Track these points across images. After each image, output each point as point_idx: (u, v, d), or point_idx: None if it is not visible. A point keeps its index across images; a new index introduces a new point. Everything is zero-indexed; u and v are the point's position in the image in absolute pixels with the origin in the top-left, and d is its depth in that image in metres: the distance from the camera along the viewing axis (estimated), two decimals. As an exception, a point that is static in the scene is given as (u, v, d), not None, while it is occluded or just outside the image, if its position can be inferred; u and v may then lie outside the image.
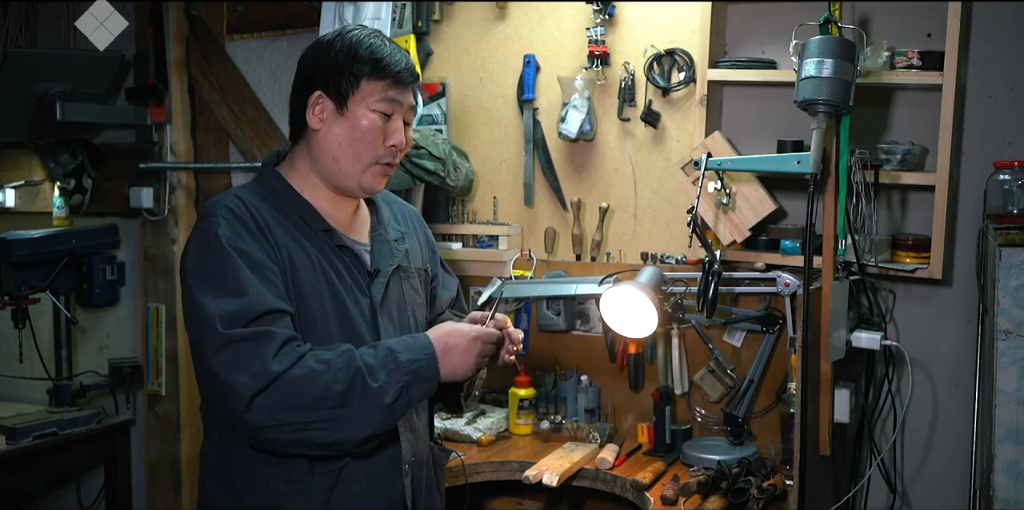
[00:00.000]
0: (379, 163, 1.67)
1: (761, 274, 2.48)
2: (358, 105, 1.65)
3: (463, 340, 1.61)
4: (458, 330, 1.62)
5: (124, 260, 3.49)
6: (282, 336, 1.50)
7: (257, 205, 1.63)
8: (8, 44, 3.59)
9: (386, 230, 1.78)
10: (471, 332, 1.62)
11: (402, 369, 1.54)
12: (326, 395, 1.49)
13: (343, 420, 1.50)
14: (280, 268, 1.58)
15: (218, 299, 1.51)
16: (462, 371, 1.61)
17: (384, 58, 1.66)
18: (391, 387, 1.53)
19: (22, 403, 3.37)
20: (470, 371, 1.62)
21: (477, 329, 1.63)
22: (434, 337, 1.61)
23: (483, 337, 1.63)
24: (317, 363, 1.50)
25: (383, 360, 1.54)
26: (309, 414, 1.49)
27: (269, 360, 1.47)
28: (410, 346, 1.58)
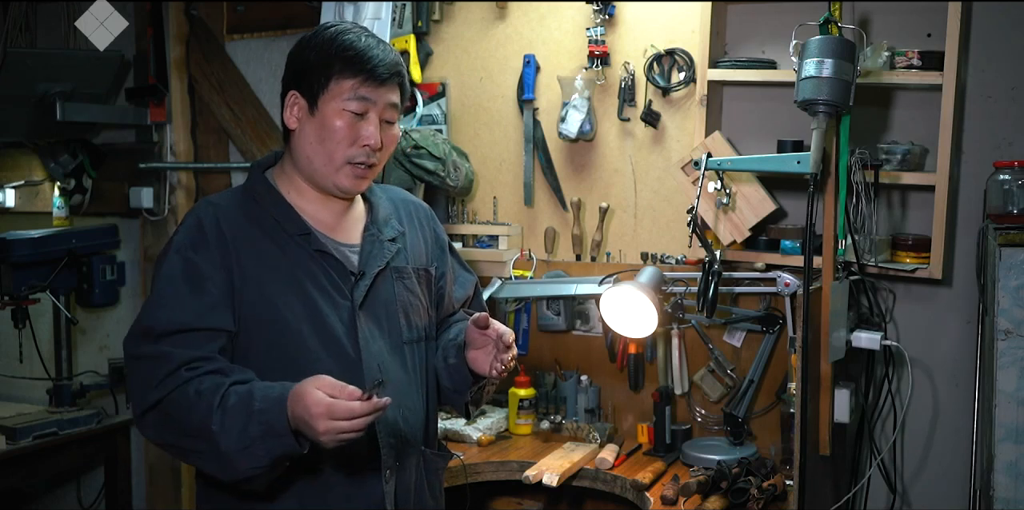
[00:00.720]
0: (352, 163, 1.62)
1: (761, 274, 2.48)
2: (328, 104, 1.61)
3: (305, 413, 1.39)
4: (305, 397, 1.40)
5: (124, 260, 3.49)
6: (178, 360, 1.49)
7: (230, 212, 1.63)
8: (8, 44, 3.59)
9: (381, 230, 1.74)
10: (317, 406, 1.38)
11: (252, 418, 1.43)
12: (189, 426, 1.47)
13: (206, 454, 1.47)
14: (234, 280, 1.57)
15: (145, 307, 1.57)
16: (318, 441, 1.41)
17: (356, 55, 1.60)
18: (238, 435, 1.43)
19: (22, 403, 3.36)
20: (327, 445, 1.41)
21: (326, 403, 1.38)
22: (292, 395, 1.43)
23: (336, 413, 1.38)
24: (193, 392, 1.47)
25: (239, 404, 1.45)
26: (182, 441, 1.50)
27: (153, 386, 1.49)
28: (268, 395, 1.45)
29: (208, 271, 1.56)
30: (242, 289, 1.58)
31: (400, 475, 1.69)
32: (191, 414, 1.47)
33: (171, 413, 1.49)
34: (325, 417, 1.38)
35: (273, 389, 1.47)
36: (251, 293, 1.58)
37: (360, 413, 1.39)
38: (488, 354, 1.67)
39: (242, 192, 1.69)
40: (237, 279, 1.57)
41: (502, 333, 1.63)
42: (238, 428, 1.44)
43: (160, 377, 1.49)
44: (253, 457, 1.45)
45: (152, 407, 1.50)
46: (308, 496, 1.60)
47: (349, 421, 1.39)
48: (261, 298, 1.58)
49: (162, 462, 3.46)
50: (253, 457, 1.45)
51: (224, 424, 1.44)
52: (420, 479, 1.76)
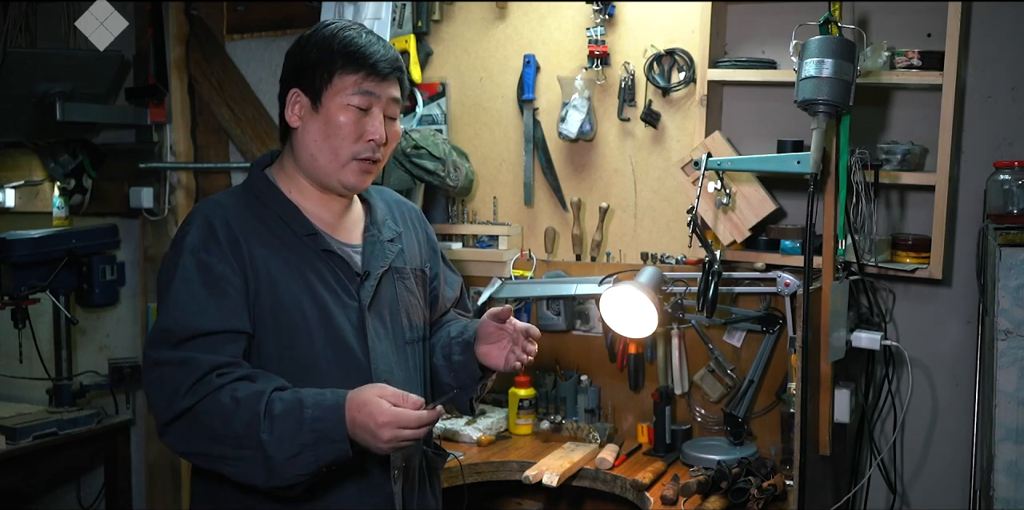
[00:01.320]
0: (357, 159, 1.62)
1: (761, 274, 2.48)
2: (332, 100, 1.61)
3: (371, 422, 1.43)
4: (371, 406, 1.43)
5: (124, 260, 3.49)
6: (205, 365, 1.48)
7: (237, 212, 1.61)
8: (8, 44, 3.59)
9: (380, 230, 1.74)
10: (383, 415, 1.42)
11: (305, 426, 1.44)
12: (229, 434, 1.45)
13: (247, 462, 1.46)
14: (247, 281, 1.56)
15: (163, 312, 1.54)
16: (375, 449, 1.46)
17: (357, 50, 1.60)
18: (289, 443, 1.44)
19: (22, 403, 3.36)
20: (382, 452, 1.47)
21: (393, 412, 1.43)
22: (350, 402, 1.46)
23: (400, 421, 1.43)
24: (229, 399, 1.46)
25: (288, 412, 1.45)
26: (216, 448, 1.47)
27: (180, 394, 1.46)
28: (321, 403, 1.46)
29: (224, 272, 1.54)
30: (256, 289, 1.57)
31: (406, 475, 1.70)
32: (232, 421, 1.44)
33: (204, 421, 1.46)
34: (393, 426, 1.42)
35: (325, 397, 1.47)
36: (264, 293, 1.57)
37: (427, 422, 1.45)
38: (503, 349, 1.72)
39: (244, 192, 1.68)
40: (251, 279, 1.57)
41: (526, 328, 1.70)
42: (289, 436, 1.43)
43: (189, 384, 1.46)
44: (301, 464, 1.45)
45: (181, 415, 1.46)
46: (319, 497, 1.60)
47: (414, 430, 1.44)
48: (274, 298, 1.57)
49: (162, 462, 3.46)
50: (301, 464, 1.45)
51: (274, 432, 1.44)
52: (423, 479, 1.77)
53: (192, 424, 1.47)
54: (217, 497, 1.62)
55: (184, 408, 1.46)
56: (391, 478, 1.66)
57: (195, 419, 1.46)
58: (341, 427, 1.44)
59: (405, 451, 1.62)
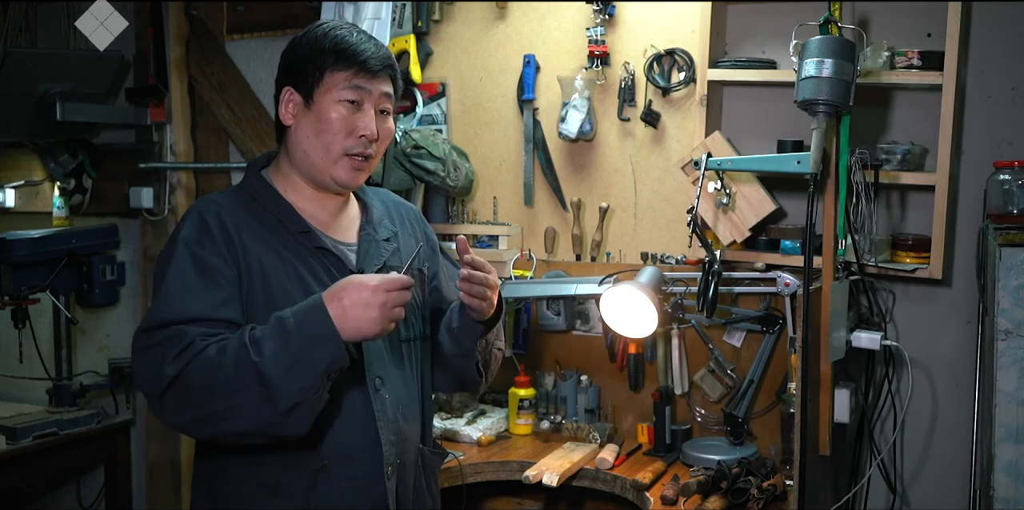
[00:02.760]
0: (349, 155, 1.63)
1: (761, 274, 2.48)
2: (323, 96, 1.62)
3: (363, 293, 1.45)
4: (354, 282, 1.47)
5: (124, 260, 3.49)
6: (191, 335, 1.48)
7: (231, 209, 1.63)
8: (8, 44, 3.59)
9: (375, 229, 1.75)
10: (370, 282, 1.46)
11: (291, 335, 1.44)
12: (221, 381, 1.44)
13: (247, 403, 1.44)
14: (241, 275, 1.57)
15: (156, 302, 1.54)
16: (368, 327, 1.46)
17: (348, 48, 1.62)
18: (281, 356, 1.43)
19: (22, 403, 3.36)
20: (377, 325, 1.46)
21: (378, 277, 1.48)
22: (327, 295, 1.47)
23: (385, 285, 1.47)
24: (216, 352, 1.45)
25: (271, 330, 1.46)
26: (213, 404, 1.45)
27: (166, 363, 1.46)
28: (300, 308, 1.47)
29: (217, 265, 1.56)
30: (249, 283, 1.58)
31: (401, 473, 1.70)
32: (221, 367, 1.44)
33: (194, 381, 1.45)
34: (382, 290, 1.46)
35: (301, 304, 1.48)
36: (257, 289, 1.58)
37: (407, 284, 1.49)
38: None
39: (240, 191, 1.69)
40: (244, 273, 1.58)
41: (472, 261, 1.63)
42: (280, 349, 1.43)
43: (175, 353, 1.47)
44: (304, 376, 1.44)
45: (171, 383, 1.46)
46: (312, 494, 1.60)
47: (399, 292, 1.48)
48: (266, 293, 1.58)
49: (162, 462, 3.46)
50: (304, 376, 1.44)
51: (263, 351, 1.43)
52: (419, 478, 1.77)
53: (183, 389, 1.46)
54: (217, 497, 1.63)
55: (173, 375, 1.46)
56: (384, 475, 1.66)
57: (185, 382, 1.46)
58: (327, 323, 1.44)
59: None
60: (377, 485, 1.65)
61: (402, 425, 1.70)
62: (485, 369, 1.84)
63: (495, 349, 1.84)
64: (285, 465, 1.59)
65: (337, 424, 1.61)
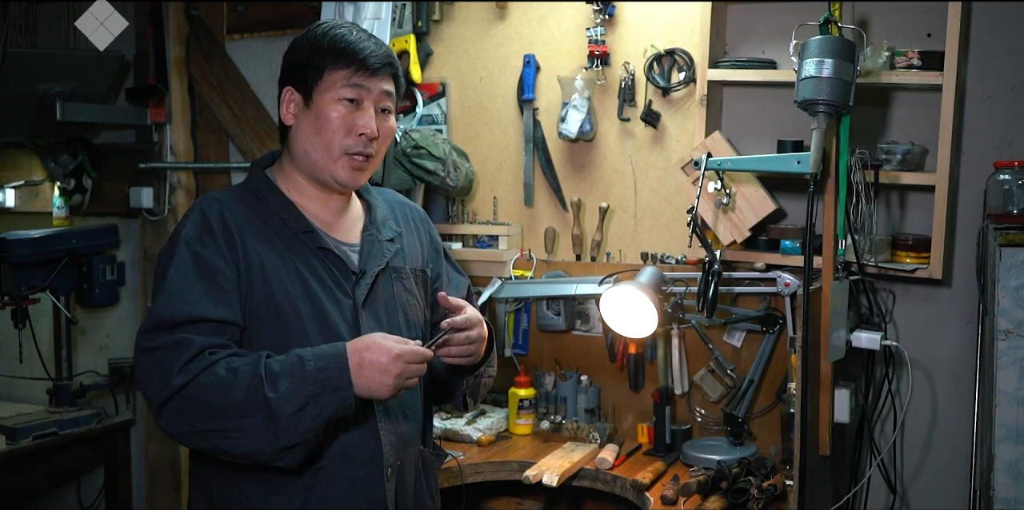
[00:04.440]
0: (349, 154, 1.63)
1: (761, 274, 2.48)
2: (323, 95, 1.62)
3: (382, 357, 1.48)
4: (379, 345, 1.49)
5: (124, 260, 3.49)
6: (199, 345, 1.48)
7: (234, 208, 1.63)
8: (8, 44, 3.59)
9: (379, 230, 1.74)
10: (393, 349, 1.49)
11: (309, 378, 1.46)
12: (230, 404, 1.45)
13: (250, 430, 1.45)
14: (241, 274, 1.57)
15: (158, 301, 1.54)
16: (378, 390, 1.49)
17: (347, 47, 1.62)
18: (294, 397, 1.45)
19: (22, 403, 3.36)
20: (388, 391, 1.49)
21: (401, 347, 1.50)
22: (351, 348, 1.50)
23: (407, 356, 1.49)
24: (226, 371, 1.46)
25: (289, 368, 1.47)
26: (215, 422, 1.46)
27: (174, 372, 1.46)
28: (322, 354, 1.49)
29: (218, 264, 1.56)
30: (249, 283, 1.58)
31: (400, 474, 1.70)
32: (231, 390, 1.45)
33: (200, 397, 1.46)
34: (402, 359, 1.49)
35: (323, 349, 1.51)
36: (257, 288, 1.58)
37: (424, 357, 1.52)
38: None
39: (243, 189, 1.69)
40: (243, 273, 1.58)
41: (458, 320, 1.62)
42: (295, 389, 1.45)
43: (183, 362, 1.47)
44: (308, 418, 1.46)
45: (175, 394, 1.46)
46: (311, 495, 1.60)
47: (417, 365, 1.51)
48: (267, 293, 1.58)
49: (162, 462, 3.46)
50: (308, 418, 1.46)
51: (278, 388, 1.45)
52: (419, 479, 1.77)
53: (188, 401, 1.47)
54: (216, 496, 1.63)
55: (179, 386, 1.46)
56: (384, 476, 1.66)
57: (191, 396, 1.46)
58: (345, 374, 1.47)
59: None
60: (377, 486, 1.65)
61: (403, 426, 1.70)
62: (473, 398, 1.86)
63: (486, 377, 1.84)
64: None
65: (338, 425, 1.61)
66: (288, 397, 1.45)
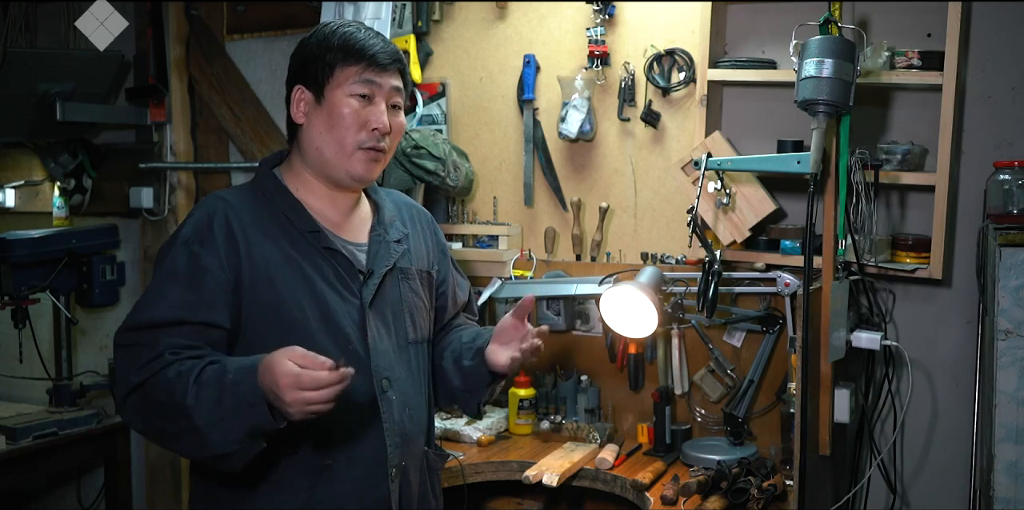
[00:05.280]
0: (363, 148, 1.64)
1: (761, 274, 2.48)
2: (334, 92, 1.63)
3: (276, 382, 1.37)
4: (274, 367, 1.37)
5: (124, 260, 3.49)
6: (164, 346, 1.49)
7: (239, 207, 1.63)
8: (8, 44, 3.59)
9: (386, 230, 1.75)
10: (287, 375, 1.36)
11: (226, 390, 1.42)
12: (173, 406, 1.44)
13: (184, 435, 1.45)
14: (240, 277, 1.57)
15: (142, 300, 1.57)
16: (286, 412, 1.39)
17: (356, 44, 1.64)
18: (213, 408, 1.41)
19: (22, 403, 3.36)
20: (294, 416, 1.39)
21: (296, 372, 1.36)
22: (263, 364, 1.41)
23: (303, 382, 1.36)
24: (175, 374, 1.45)
25: (212, 378, 1.44)
26: (164, 423, 1.47)
27: (134, 370, 1.48)
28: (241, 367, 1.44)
29: (210, 265, 1.55)
30: (252, 285, 1.57)
31: (404, 474, 1.70)
32: (171, 394, 1.44)
33: (151, 395, 1.47)
34: (293, 387, 1.36)
35: (246, 361, 1.45)
36: (262, 288, 1.58)
37: (327, 383, 1.36)
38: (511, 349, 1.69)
39: (251, 189, 1.70)
40: (247, 275, 1.57)
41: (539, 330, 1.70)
42: (212, 401, 1.42)
43: (143, 361, 1.48)
44: (227, 430, 1.43)
45: (133, 390, 1.48)
46: (315, 494, 1.60)
47: (316, 392, 1.36)
48: (272, 294, 1.58)
49: (162, 462, 3.46)
50: (227, 430, 1.43)
51: (199, 398, 1.43)
52: (423, 479, 1.77)
53: (142, 399, 1.48)
54: (217, 497, 1.63)
55: (136, 384, 1.48)
56: (388, 476, 1.66)
57: (145, 394, 1.48)
58: (256, 390, 1.40)
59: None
60: (380, 486, 1.65)
61: (407, 427, 1.70)
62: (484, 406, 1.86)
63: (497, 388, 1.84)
64: (288, 464, 1.59)
65: (343, 425, 1.61)
66: (205, 407, 1.42)
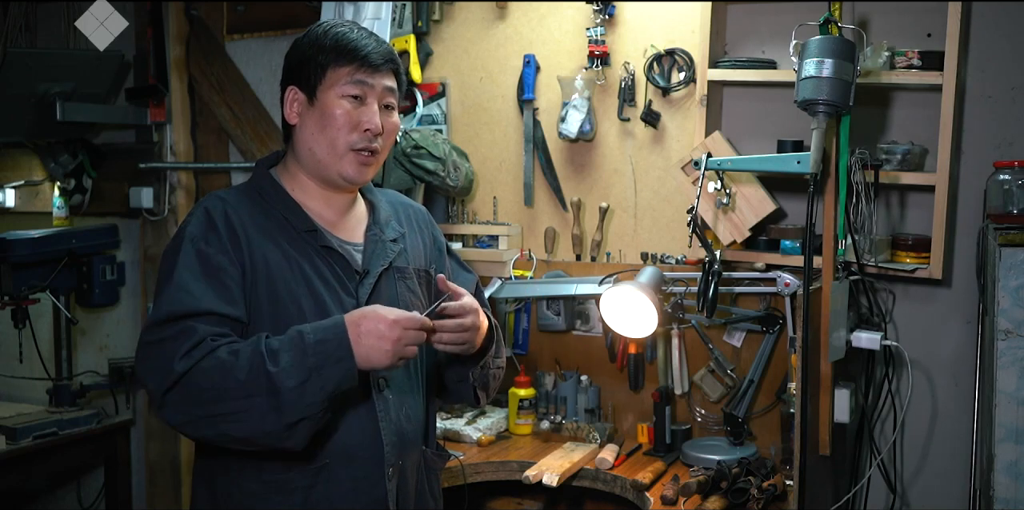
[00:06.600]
0: (354, 150, 1.64)
1: (761, 274, 2.48)
2: (327, 93, 1.63)
3: (380, 324, 1.48)
4: (375, 312, 1.50)
5: (124, 260, 3.49)
6: (202, 333, 1.48)
7: (238, 206, 1.63)
8: (8, 44, 3.59)
9: (382, 230, 1.75)
10: (389, 315, 1.49)
11: (309, 350, 1.46)
12: (232, 385, 1.44)
13: (254, 410, 1.44)
14: (244, 272, 1.57)
15: (162, 298, 1.54)
16: (377, 358, 1.48)
17: (348, 44, 1.63)
18: (296, 370, 1.44)
19: (22, 403, 3.36)
20: (386, 359, 1.48)
21: (397, 313, 1.50)
22: (349, 319, 1.50)
23: (403, 322, 1.49)
24: (228, 354, 1.46)
25: (289, 342, 1.47)
26: (218, 406, 1.45)
27: (176, 359, 1.46)
28: (320, 327, 1.50)
29: (222, 263, 1.56)
30: (253, 282, 1.58)
31: (402, 474, 1.70)
32: (233, 371, 1.44)
33: (202, 381, 1.45)
34: (400, 326, 1.48)
35: (322, 322, 1.51)
36: (260, 287, 1.59)
37: (427, 326, 1.52)
38: None
39: (247, 188, 1.70)
40: (249, 272, 1.58)
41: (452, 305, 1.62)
42: (296, 362, 1.44)
43: (186, 349, 1.47)
44: (311, 392, 1.44)
45: (177, 381, 1.45)
46: (312, 494, 1.60)
47: (416, 332, 1.50)
48: (270, 292, 1.59)
49: (162, 462, 3.46)
50: (311, 392, 1.44)
51: (279, 362, 1.44)
52: (421, 479, 1.77)
53: (190, 387, 1.46)
54: (218, 495, 1.63)
55: (182, 372, 1.45)
56: (385, 476, 1.66)
57: (193, 381, 1.46)
58: (345, 344, 1.47)
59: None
60: (378, 486, 1.65)
61: (405, 426, 1.70)
62: (483, 391, 1.84)
63: (494, 368, 1.83)
64: (286, 464, 1.59)
65: (339, 424, 1.61)
66: (289, 370, 1.44)
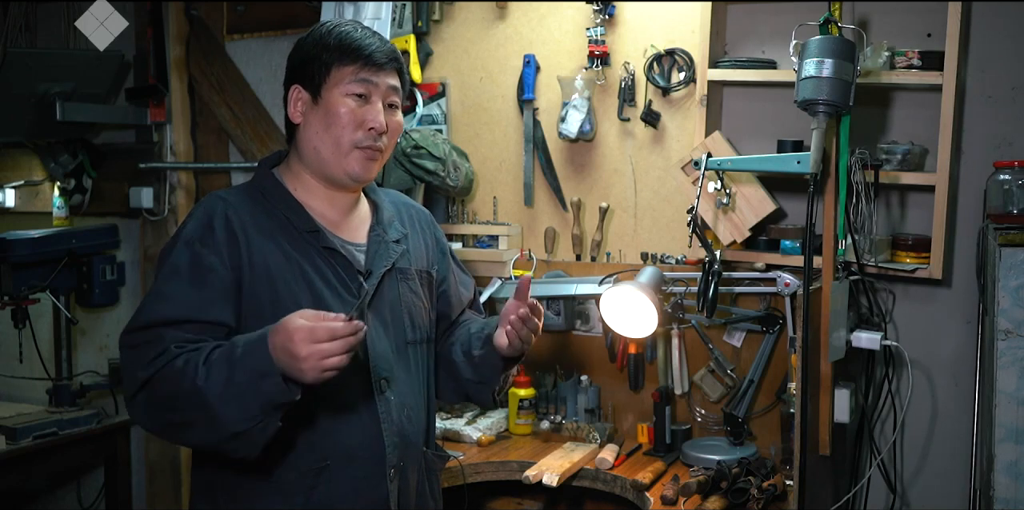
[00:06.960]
0: (359, 147, 1.64)
1: (761, 274, 2.48)
2: (331, 91, 1.63)
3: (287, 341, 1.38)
4: (284, 327, 1.39)
5: (124, 260, 3.49)
6: (168, 340, 1.49)
7: (239, 207, 1.63)
8: (8, 44, 3.59)
9: (385, 230, 1.75)
10: (299, 330, 1.37)
11: (236, 364, 1.42)
12: (181, 395, 1.44)
13: (199, 421, 1.44)
14: (242, 274, 1.57)
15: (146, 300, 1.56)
16: (298, 375, 1.39)
17: (352, 43, 1.64)
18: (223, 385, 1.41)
19: (22, 403, 3.36)
20: (307, 376, 1.39)
21: (308, 325, 1.37)
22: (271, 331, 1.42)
23: (317, 334, 1.37)
24: (183, 363, 1.45)
25: (222, 356, 1.44)
26: (174, 415, 1.46)
27: (140, 367, 1.48)
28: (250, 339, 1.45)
29: (213, 264, 1.56)
30: (252, 284, 1.58)
31: (403, 475, 1.70)
32: (180, 381, 1.44)
33: (160, 388, 1.46)
34: (307, 341, 1.37)
35: (253, 334, 1.45)
36: (262, 287, 1.58)
37: (342, 333, 1.37)
38: None
39: (250, 189, 1.70)
40: (247, 274, 1.58)
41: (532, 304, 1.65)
42: (223, 378, 1.42)
43: (150, 357, 1.48)
44: (241, 407, 1.42)
45: (141, 387, 1.48)
46: (313, 495, 1.60)
47: (331, 343, 1.37)
48: (271, 292, 1.58)
49: (162, 462, 3.46)
50: (241, 407, 1.42)
51: (209, 377, 1.42)
52: (422, 480, 1.77)
53: (151, 395, 1.48)
54: (216, 497, 1.63)
55: (144, 379, 1.47)
56: (386, 476, 1.66)
57: (153, 389, 1.47)
58: (267, 359, 1.40)
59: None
60: (379, 486, 1.65)
61: (406, 427, 1.70)
62: (500, 395, 1.85)
63: (511, 375, 1.84)
64: (287, 464, 1.59)
65: (341, 425, 1.61)
66: (217, 386, 1.42)
